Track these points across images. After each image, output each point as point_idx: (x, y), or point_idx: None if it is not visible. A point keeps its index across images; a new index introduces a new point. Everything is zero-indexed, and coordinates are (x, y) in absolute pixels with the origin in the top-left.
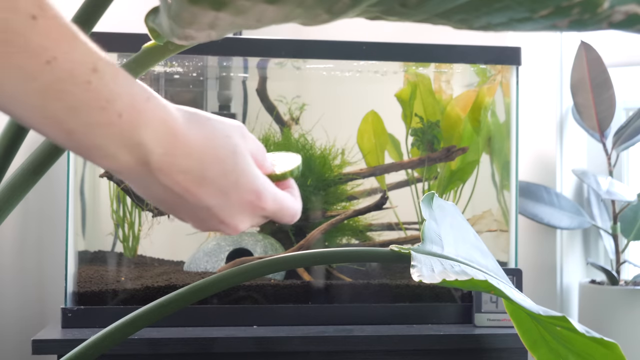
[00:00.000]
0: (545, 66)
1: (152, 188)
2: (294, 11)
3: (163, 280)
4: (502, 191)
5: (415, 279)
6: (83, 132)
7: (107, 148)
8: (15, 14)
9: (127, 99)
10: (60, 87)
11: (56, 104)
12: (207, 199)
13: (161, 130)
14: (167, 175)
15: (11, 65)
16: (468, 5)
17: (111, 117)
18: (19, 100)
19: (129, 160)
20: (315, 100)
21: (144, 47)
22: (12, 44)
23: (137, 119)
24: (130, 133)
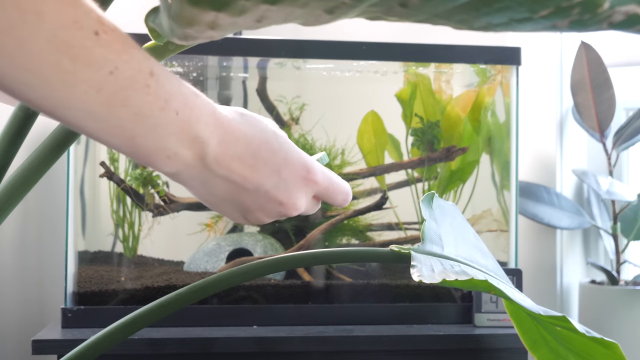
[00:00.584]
0: (545, 66)
1: (212, 184)
2: (295, 12)
3: (163, 280)
4: (502, 191)
5: (415, 279)
6: (146, 136)
7: (169, 147)
8: (81, 31)
9: (181, 97)
10: (124, 94)
11: (121, 112)
12: (263, 181)
13: (212, 122)
14: (223, 163)
15: (78, 79)
16: (468, 5)
17: (170, 116)
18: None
19: (188, 155)
20: (315, 100)
21: (144, 47)
22: (79, 59)
23: (190, 115)
24: (188, 128)
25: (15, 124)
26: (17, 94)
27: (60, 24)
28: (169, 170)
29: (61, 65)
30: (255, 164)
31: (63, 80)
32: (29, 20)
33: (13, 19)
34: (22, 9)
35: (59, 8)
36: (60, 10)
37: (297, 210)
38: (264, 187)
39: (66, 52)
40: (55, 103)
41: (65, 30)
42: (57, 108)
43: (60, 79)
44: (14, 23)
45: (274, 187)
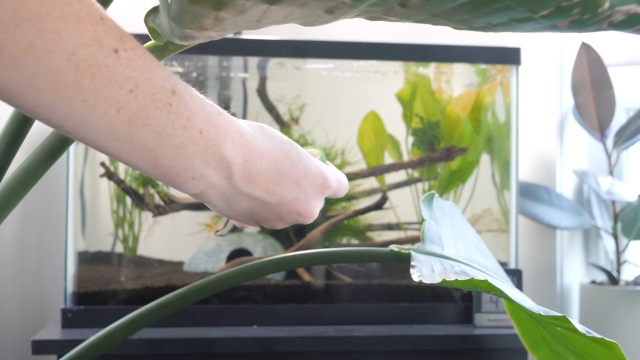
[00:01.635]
0: (545, 66)
1: (236, 201)
2: (295, 11)
3: (163, 280)
4: (502, 191)
5: (415, 279)
6: (170, 156)
7: (194, 168)
8: (101, 49)
9: (204, 115)
10: (145, 113)
11: (143, 131)
12: (286, 194)
13: (237, 140)
14: (248, 181)
15: (98, 98)
16: (468, 5)
17: (194, 136)
18: (109, 132)
19: (214, 176)
20: (315, 100)
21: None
22: (98, 77)
23: (215, 133)
24: (213, 148)
25: (15, 124)
26: (38, 114)
27: (80, 42)
28: (194, 191)
29: (81, 84)
30: (278, 179)
31: (83, 100)
32: (48, 40)
33: (32, 39)
34: (41, 28)
35: (78, 26)
36: (79, 28)
37: (313, 217)
38: (285, 200)
39: (86, 71)
40: (76, 123)
41: (84, 48)
42: (78, 129)
43: (80, 99)
44: (33, 42)
45: (294, 198)
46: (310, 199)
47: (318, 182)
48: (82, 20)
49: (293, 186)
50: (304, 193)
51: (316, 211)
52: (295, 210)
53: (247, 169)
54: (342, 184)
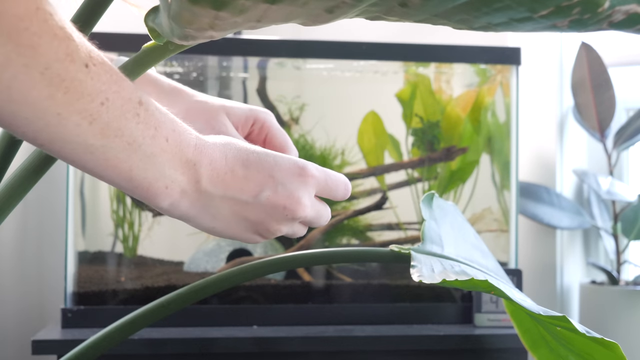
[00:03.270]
0: (545, 66)
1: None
2: (295, 11)
3: (163, 280)
4: (502, 191)
5: (415, 279)
6: (142, 167)
7: (165, 175)
8: (73, 64)
9: (169, 123)
10: (116, 124)
11: (115, 142)
12: (261, 189)
13: (200, 144)
14: (217, 182)
15: (71, 111)
16: (468, 5)
17: (161, 144)
18: (83, 144)
19: (184, 181)
20: (315, 100)
21: (144, 47)
22: (71, 90)
23: (179, 140)
24: (179, 154)
25: None
26: (14, 128)
27: (54, 57)
28: (168, 201)
29: (55, 97)
30: (248, 173)
31: (57, 113)
32: (24, 54)
33: (9, 53)
34: (18, 43)
35: (53, 42)
36: (54, 44)
37: (303, 207)
38: (263, 194)
39: (59, 85)
40: (50, 137)
41: (58, 63)
42: (52, 142)
43: (54, 112)
44: (9, 57)
45: (272, 191)
46: (292, 190)
47: (294, 171)
48: (56, 36)
49: (266, 179)
50: (282, 185)
51: (304, 201)
52: (279, 204)
53: (214, 169)
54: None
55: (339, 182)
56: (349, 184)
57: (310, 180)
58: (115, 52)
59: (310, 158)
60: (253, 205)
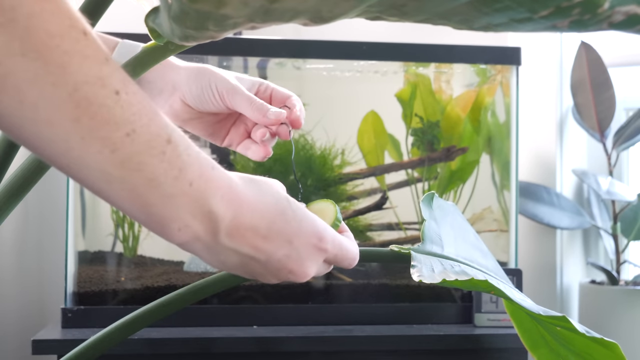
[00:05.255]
0: (545, 66)
1: (223, 255)
2: (295, 11)
3: (163, 280)
4: (502, 191)
5: (415, 279)
6: (159, 205)
7: (180, 219)
8: (103, 89)
9: (196, 168)
10: (139, 158)
11: (135, 175)
12: (276, 252)
13: (228, 195)
14: (236, 237)
15: (95, 137)
16: (468, 5)
17: (183, 187)
18: (101, 172)
19: (200, 229)
20: (315, 100)
21: (144, 47)
22: (98, 116)
23: (205, 187)
24: (201, 202)
25: None
26: (35, 147)
27: (84, 79)
28: (179, 241)
29: (80, 121)
30: (269, 235)
31: (80, 137)
32: (53, 72)
33: (37, 70)
34: (47, 60)
35: (84, 63)
36: (85, 66)
37: (307, 277)
38: (275, 257)
39: (86, 109)
40: (70, 161)
41: (87, 86)
42: (71, 166)
43: (77, 135)
44: (37, 74)
45: (285, 256)
46: (304, 259)
47: (312, 242)
48: (87, 58)
49: (284, 244)
50: (296, 251)
51: (310, 271)
52: (287, 267)
53: (235, 225)
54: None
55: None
56: (356, 259)
57: (323, 253)
58: None
59: (310, 158)
60: (263, 262)
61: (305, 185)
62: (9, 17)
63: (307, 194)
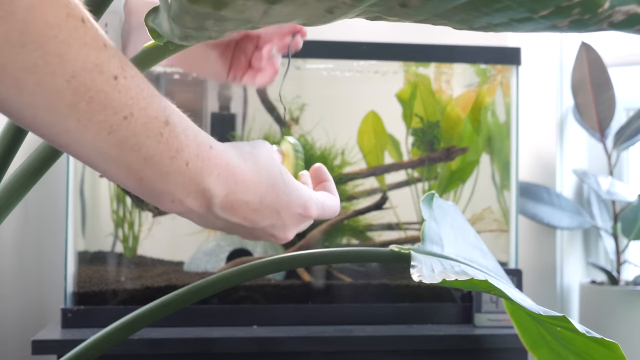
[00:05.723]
0: (545, 66)
1: (213, 221)
2: (295, 11)
3: (163, 280)
4: (502, 191)
5: (415, 279)
6: (154, 180)
7: (175, 194)
8: (101, 75)
9: (193, 148)
10: (136, 140)
11: (132, 155)
12: (263, 222)
13: (224, 173)
14: (228, 211)
15: (93, 121)
16: (468, 5)
17: (180, 166)
18: (98, 151)
19: (194, 204)
20: (315, 100)
21: (144, 47)
22: (95, 101)
23: (202, 167)
24: (197, 180)
25: (15, 124)
26: (34, 129)
27: (81, 66)
28: (172, 211)
29: (77, 106)
30: (259, 208)
31: (77, 120)
32: (51, 62)
33: (36, 60)
34: (45, 50)
35: (82, 51)
36: (82, 53)
37: (287, 241)
38: (261, 225)
39: (83, 95)
40: (68, 141)
41: (85, 72)
42: (70, 145)
43: (75, 119)
44: (36, 64)
45: (271, 225)
46: (287, 226)
47: (297, 212)
48: (86, 45)
49: (272, 214)
50: (282, 220)
51: (291, 236)
52: (269, 233)
53: (229, 200)
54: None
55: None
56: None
57: (307, 220)
58: None
59: (311, 158)
60: (249, 229)
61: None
62: (8, 10)
63: None
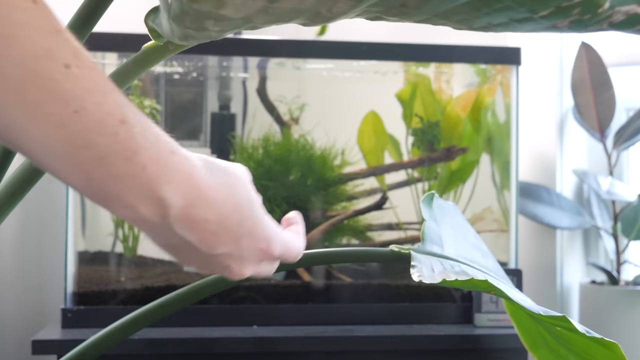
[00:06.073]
0: (545, 66)
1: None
2: (295, 11)
3: (163, 280)
4: (502, 191)
5: (415, 279)
6: (106, 182)
7: (127, 199)
8: (51, 62)
9: (153, 151)
10: (89, 137)
11: (83, 153)
12: (220, 247)
13: (184, 183)
14: (185, 226)
15: (41, 112)
16: (468, 5)
17: (135, 169)
18: (47, 147)
19: (148, 212)
20: (315, 100)
21: (144, 47)
22: (44, 90)
23: (159, 173)
24: (153, 186)
25: None
26: None
27: (31, 51)
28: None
29: (25, 95)
30: (219, 231)
31: (25, 111)
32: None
33: None
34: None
35: (33, 35)
36: (34, 37)
37: (241, 277)
38: (217, 251)
39: (32, 82)
40: (15, 134)
41: (35, 59)
42: (17, 140)
43: (23, 109)
44: None
45: (228, 254)
46: (245, 259)
47: (259, 246)
48: (37, 28)
49: (231, 241)
50: (241, 251)
51: (247, 272)
52: (224, 264)
53: (188, 214)
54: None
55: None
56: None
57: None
58: (115, 52)
59: (311, 158)
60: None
61: (305, 185)
62: None
63: (307, 194)
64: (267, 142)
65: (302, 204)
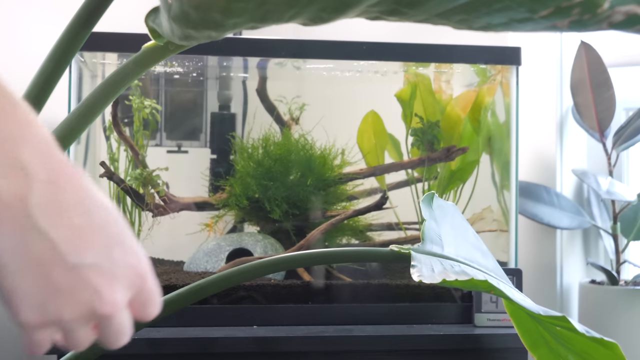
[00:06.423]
0: (545, 66)
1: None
2: (295, 11)
3: (163, 280)
4: (502, 191)
5: (415, 279)
6: None
7: None
8: None
9: (6, 105)
10: None
11: None
12: (89, 254)
13: (44, 151)
14: (50, 213)
15: None
16: (468, 5)
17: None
18: None
19: (6, 188)
20: (315, 100)
21: (144, 47)
22: None
23: (16, 131)
24: (9, 145)
25: None
26: None
27: None
28: None
29: None
30: (86, 227)
31: None
32: None
33: None
34: None
35: None
36: None
37: (113, 306)
38: (86, 259)
39: None
40: None
41: None
42: None
43: None
44: None
45: (97, 266)
46: (116, 278)
47: (131, 261)
48: None
49: (102, 248)
50: (112, 265)
51: (118, 297)
52: (93, 282)
53: (52, 193)
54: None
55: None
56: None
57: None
58: (115, 52)
59: (310, 158)
60: (66, 268)
61: (305, 185)
62: None
63: (307, 194)
64: (267, 142)
65: (302, 204)
